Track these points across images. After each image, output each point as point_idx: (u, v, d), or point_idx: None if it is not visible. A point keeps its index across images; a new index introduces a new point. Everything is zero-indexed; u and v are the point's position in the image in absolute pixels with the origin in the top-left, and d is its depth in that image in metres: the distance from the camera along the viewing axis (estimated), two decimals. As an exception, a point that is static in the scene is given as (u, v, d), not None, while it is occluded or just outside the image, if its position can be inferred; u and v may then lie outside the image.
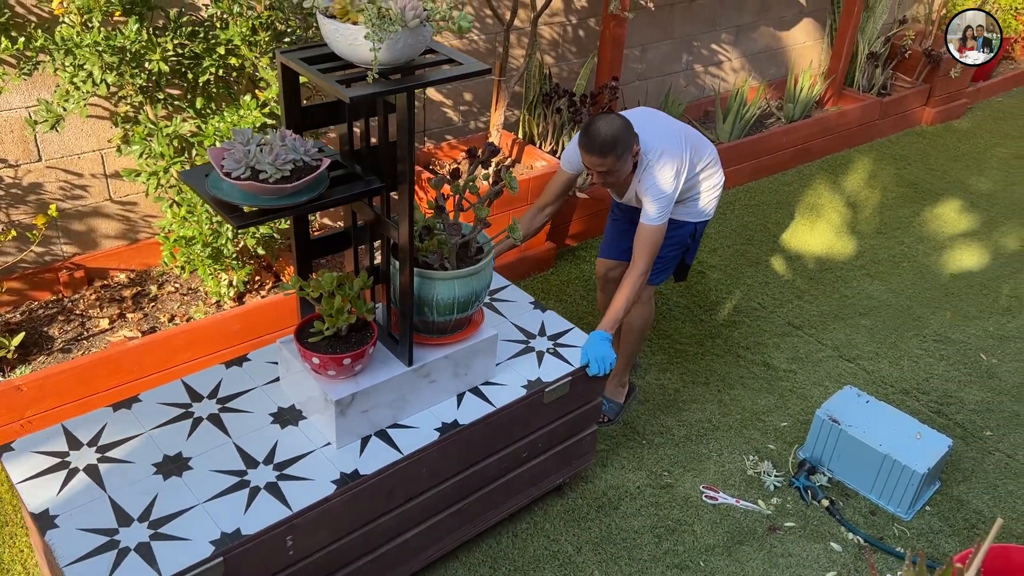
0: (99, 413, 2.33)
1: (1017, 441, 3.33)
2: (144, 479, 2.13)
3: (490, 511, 2.65)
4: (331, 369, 2.21)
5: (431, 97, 4.15)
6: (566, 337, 2.75)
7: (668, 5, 4.89)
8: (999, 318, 4.07)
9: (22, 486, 2.09)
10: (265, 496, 2.11)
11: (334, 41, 1.92)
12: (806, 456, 3.15)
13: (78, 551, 1.94)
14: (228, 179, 1.93)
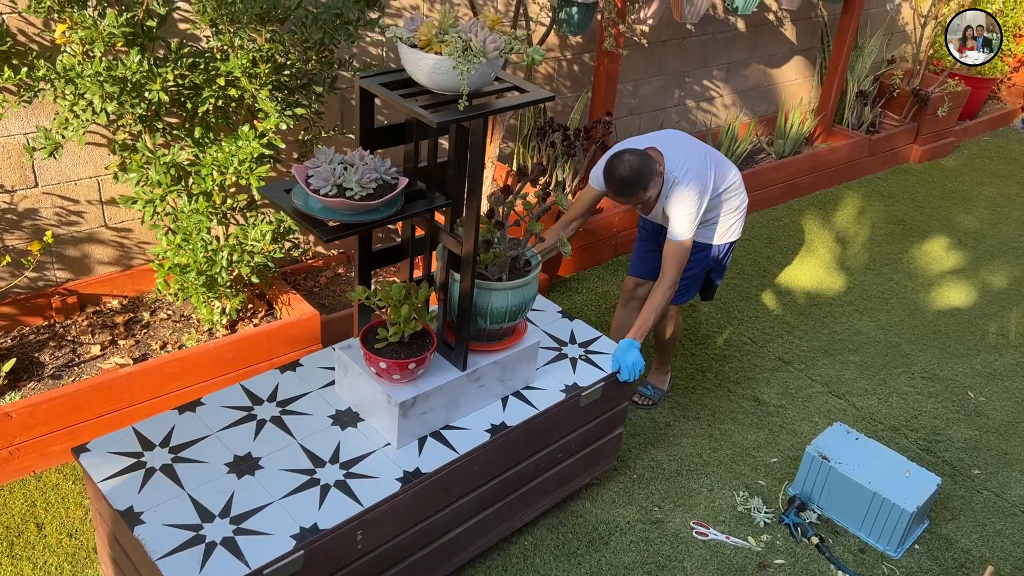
0: (166, 416, 2.42)
1: (1005, 480, 3.35)
2: (219, 478, 2.23)
3: (525, 510, 2.79)
4: (396, 373, 2.35)
5: (427, 128, 4.19)
6: (595, 345, 2.91)
7: (661, 42, 4.97)
8: (986, 356, 4.10)
9: (103, 484, 2.17)
10: (336, 493, 2.23)
11: (415, 69, 2.09)
12: (796, 493, 3.16)
13: (167, 545, 2.03)
14: (316, 196, 2.06)
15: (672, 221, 2.99)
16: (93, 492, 2.28)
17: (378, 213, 2.14)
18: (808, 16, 5.73)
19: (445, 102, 2.13)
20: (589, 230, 4.40)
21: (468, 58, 1.98)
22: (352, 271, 4.05)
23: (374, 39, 3.80)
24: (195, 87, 2.99)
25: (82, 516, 2.79)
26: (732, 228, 3.25)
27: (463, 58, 1.98)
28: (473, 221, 2.22)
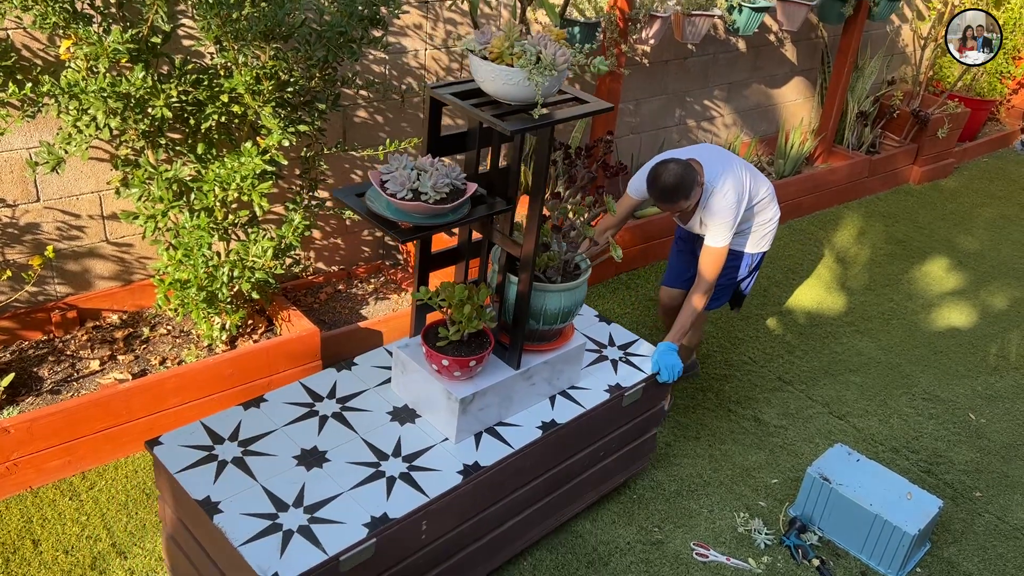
0: (232, 411, 2.51)
1: (1006, 503, 3.34)
2: (289, 470, 2.33)
3: (568, 506, 2.89)
4: (457, 370, 2.45)
5: (429, 146, 4.20)
6: (633, 347, 3.02)
7: (662, 62, 4.99)
8: (987, 377, 4.10)
9: (180, 476, 2.26)
10: (401, 485, 2.33)
11: (487, 80, 2.20)
12: (797, 514, 3.14)
13: (247, 533, 2.12)
14: (393, 200, 2.19)
15: (709, 228, 3.13)
16: (166, 484, 2.36)
17: (449, 216, 2.27)
18: (809, 37, 5.76)
19: (511, 111, 2.25)
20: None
21: (540, 70, 2.10)
22: (352, 287, 4.05)
23: (377, 57, 3.82)
24: (198, 103, 3.00)
25: (78, 533, 2.78)
26: (764, 239, 3.38)
27: (536, 70, 2.10)
28: (535, 224, 2.32)
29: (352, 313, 3.87)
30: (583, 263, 2.70)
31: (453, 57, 4.08)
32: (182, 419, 3.15)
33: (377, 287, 4.08)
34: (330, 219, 3.99)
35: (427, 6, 3.88)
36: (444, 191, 2.21)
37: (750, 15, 4.71)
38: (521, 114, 2.24)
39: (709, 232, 3.14)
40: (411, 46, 3.91)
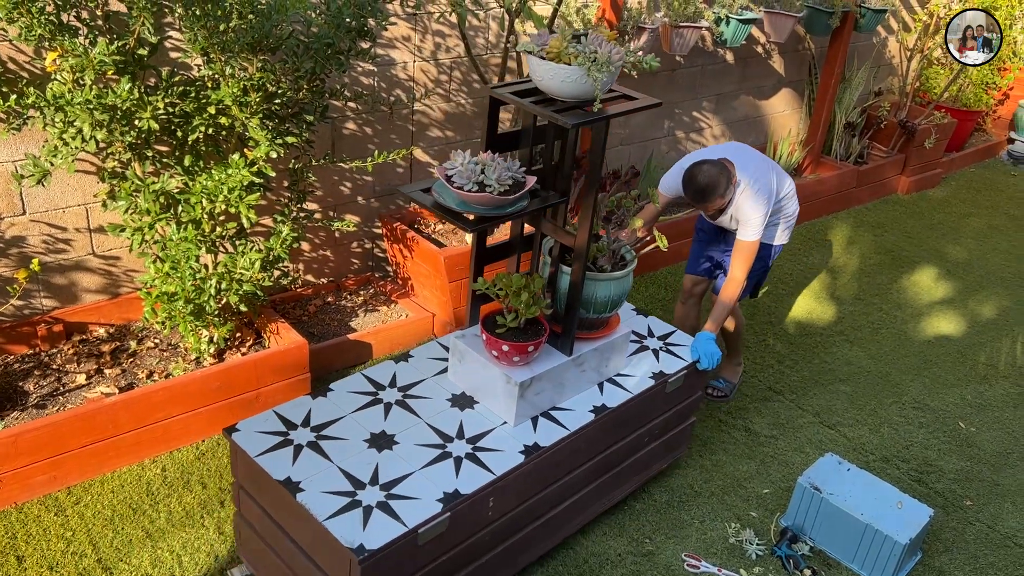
0: (301, 400, 2.62)
1: (997, 512, 3.34)
2: (361, 452, 2.44)
3: (615, 490, 3.02)
4: (516, 356, 2.56)
5: (418, 158, 4.20)
6: (672, 338, 3.15)
7: (650, 74, 5.01)
8: (976, 386, 4.10)
9: (260, 459, 2.37)
10: (468, 464, 2.45)
11: (546, 78, 2.34)
12: (788, 524, 3.13)
13: (329, 509, 2.23)
14: (460, 192, 2.32)
15: (742, 224, 3.26)
16: (245, 468, 2.45)
17: (511, 207, 2.41)
18: (796, 48, 5.80)
19: (566, 108, 2.39)
20: (580, 259, 4.39)
21: (598, 67, 2.25)
22: (341, 300, 4.04)
23: (365, 69, 3.82)
24: (186, 115, 2.99)
25: (63, 549, 2.74)
26: (786, 231, 3.54)
27: (594, 67, 2.24)
28: (589, 215, 2.44)
29: (341, 325, 3.86)
30: (628, 254, 2.82)
31: (442, 69, 4.09)
32: (170, 433, 3.13)
33: (367, 299, 4.07)
34: (319, 231, 3.98)
35: (415, 19, 3.89)
36: (507, 183, 2.37)
37: (737, 27, 4.74)
38: (576, 110, 2.37)
39: (741, 228, 3.26)
40: (400, 58, 3.92)
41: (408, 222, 4.03)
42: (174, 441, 3.16)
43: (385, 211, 4.15)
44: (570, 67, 2.28)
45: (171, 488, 3.02)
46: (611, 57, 2.28)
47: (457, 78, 4.17)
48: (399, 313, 3.99)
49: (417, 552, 2.27)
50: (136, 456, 3.09)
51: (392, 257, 4.10)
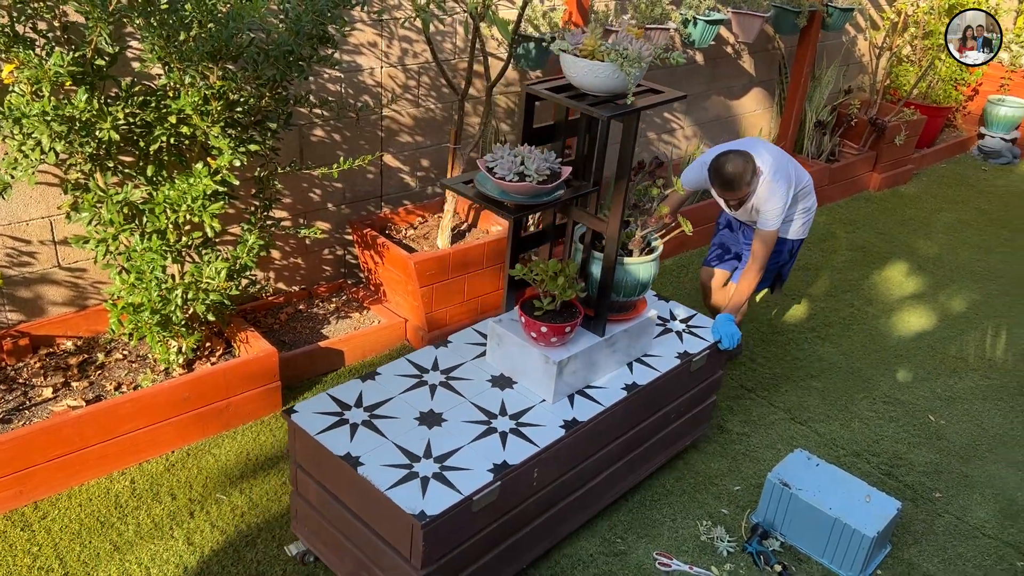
0: (351, 384, 2.78)
1: (966, 503, 3.37)
2: (413, 429, 2.60)
3: (644, 465, 3.19)
4: (554, 336, 2.73)
5: (388, 164, 4.20)
6: (693, 320, 3.33)
7: (621, 75, 5.03)
8: (946, 379, 4.14)
9: (320, 436, 2.53)
10: (513, 438, 2.61)
11: (581, 74, 2.51)
12: (759, 520, 3.15)
13: (389, 480, 2.39)
14: (501, 182, 2.49)
15: (763, 214, 3.42)
16: (304, 447, 2.60)
17: (548, 196, 2.58)
18: (766, 48, 5.84)
19: (599, 102, 2.56)
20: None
21: (630, 62, 2.43)
22: (313, 307, 4.03)
23: (332, 76, 3.82)
24: (147, 125, 2.98)
25: (29, 564, 2.72)
26: (804, 226, 3.68)
27: (627, 63, 2.42)
28: (620, 203, 2.62)
29: (313, 333, 3.85)
30: (654, 240, 3.00)
31: (410, 74, 4.09)
32: (138, 445, 3.11)
33: (339, 306, 4.06)
34: (289, 239, 3.97)
35: (382, 24, 3.90)
36: (545, 173, 2.54)
37: (705, 27, 4.77)
38: (608, 104, 2.55)
39: (762, 218, 3.43)
40: (367, 64, 3.92)
41: (378, 228, 4.03)
42: (143, 453, 3.15)
43: (356, 217, 4.15)
44: (603, 63, 2.46)
45: (140, 500, 3.00)
46: (641, 53, 2.46)
47: (426, 83, 4.18)
48: (371, 319, 3.99)
49: (471, 519, 2.44)
50: (104, 469, 3.07)
51: (363, 263, 4.10)
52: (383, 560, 2.46)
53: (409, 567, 2.38)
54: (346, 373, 3.76)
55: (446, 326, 3.95)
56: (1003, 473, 3.55)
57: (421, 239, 4.05)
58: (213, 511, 2.99)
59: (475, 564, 2.54)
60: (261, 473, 3.18)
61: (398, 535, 2.36)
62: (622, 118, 2.56)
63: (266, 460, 3.25)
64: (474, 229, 4.16)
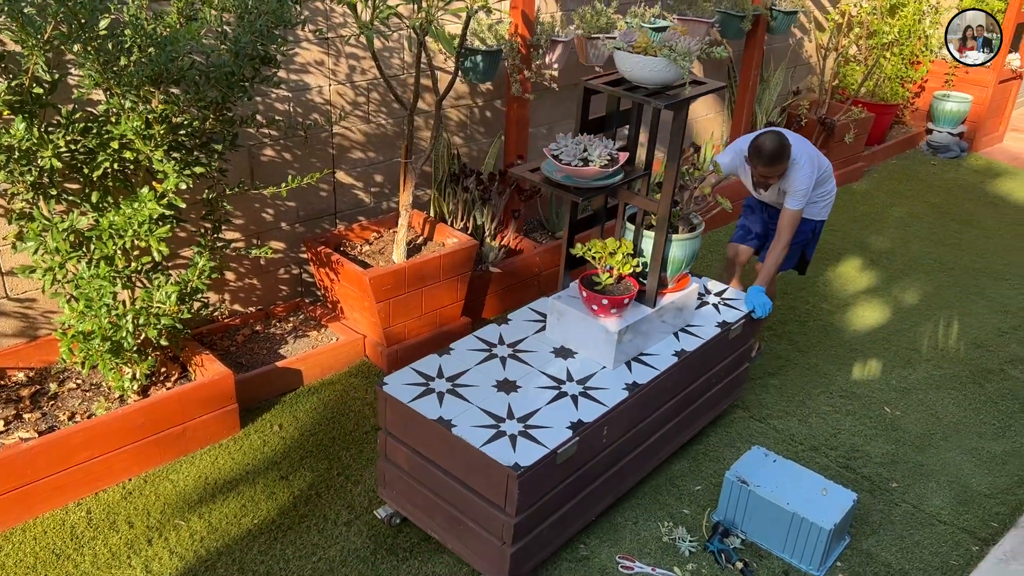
0: (430, 359, 3.05)
1: (922, 492, 3.43)
2: (493, 395, 2.88)
3: (691, 426, 3.48)
4: (613, 308, 3.01)
5: (341, 181, 4.20)
6: (726, 294, 3.64)
7: (572, 85, 5.08)
8: (900, 371, 4.22)
9: (413, 404, 2.79)
10: (584, 400, 2.89)
11: (637, 69, 2.82)
12: (719, 519, 3.18)
13: (482, 439, 2.66)
14: (568, 167, 2.78)
15: (788, 195, 3.74)
16: (395, 415, 2.86)
17: (610, 178, 2.86)
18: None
19: (651, 94, 2.86)
20: (511, 271, 4.43)
21: (682, 56, 2.72)
22: (270, 327, 4.01)
23: (280, 95, 3.82)
24: (90, 152, 2.96)
25: (-17, 601, 2.68)
26: (824, 208, 3.98)
27: (679, 57, 2.72)
28: (671, 185, 2.93)
29: (271, 353, 3.83)
30: (695, 219, 3.26)
31: (359, 91, 4.10)
32: (93, 474, 3.08)
33: (296, 325, 4.05)
34: (243, 260, 3.95)
35: (327, 43, 3.90)
36: (606, 159, 2.82)
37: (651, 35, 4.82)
38: (659, 95, 2.85)
39: (788, 197, 3.75)
40: (314, 83, 3.92)
41: (333, 245, 4.02)
42: (98, 482, 3.11)
43: (310, 235, 4.14)
44: (657, 58, 2.76)
45: (96, 530, 2.96)
46: (690, 48, 2.76)
47: (375, 99, 4.19)
48: (329, 337, 3.97)
49: (555, 471, 2.72)
50: (59, 500, 3.03)
51: (320, 281, 4.09)
52: (476, 512, 2.73)
53: (504, 515, 2.65)
54: (305, 392, 3.75)
55: (405, 340, 3.95)
56: (957, 460, 3.62)
57: (377, 254, 4.05)
58: (172, 538, 2.96)
59: (555, 514, 2.83)
60: (220, 497, 3.16)
61: (493, 487, 2.63)
62: (674, 106, 2.84)
63: (225, 483, 3.22)
64: (430, 242, 4.17)
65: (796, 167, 3.70)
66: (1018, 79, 7.57)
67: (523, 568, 2.78)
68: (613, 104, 3.11)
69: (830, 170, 3.94)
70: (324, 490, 3.23)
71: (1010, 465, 3.60)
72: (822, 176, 3.87)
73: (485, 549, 2.76)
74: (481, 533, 2.74)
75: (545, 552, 2.87)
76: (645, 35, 2.81)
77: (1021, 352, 4.42)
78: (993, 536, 3.21)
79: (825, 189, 3.94)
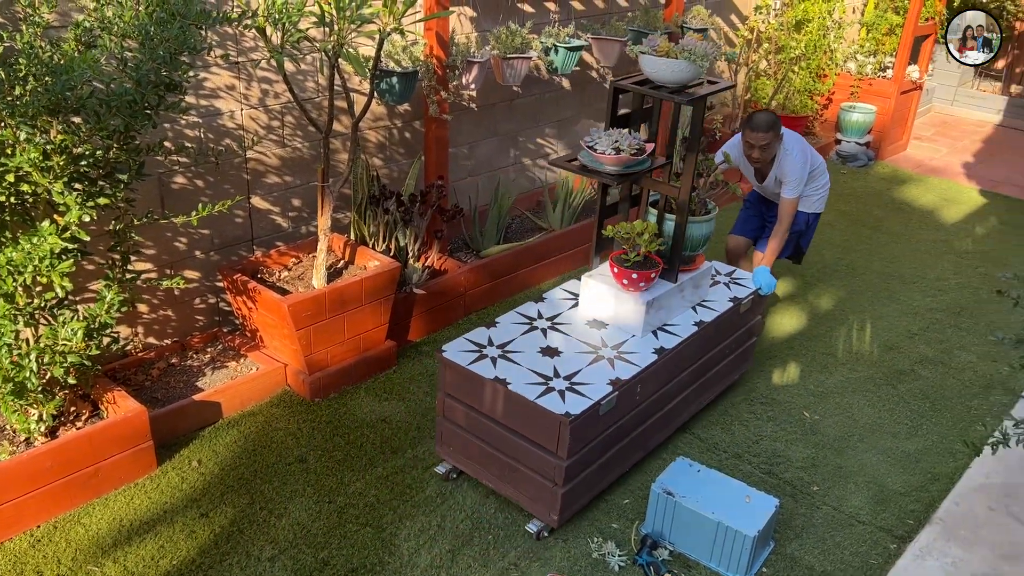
0: (479, 331, 3.42)
1: (841, 493, 3.52)
2: (539, 359, 3.27)
3: (705, 393, 3.86)
4: (643, 281, 3.42)
5: (257, 206, 4.12)
6: (735, 275, 4.05)
7: (490, 105, 5.11)
8: (818, 375, 4.34)
9: (471, 367, 3.17)
10: (619, 362, 3.29)
11: (661, 71, 3.24)
12: (648, 531, 3.21)
13: (535, 393, 3.05)
14: (602, 156, 3.21)
15: (784, 185, 4.17)
16: (455, 377, 3.24)
17: (640, 165, 3.28)
18: (629, 72, 6.01)
19: (671, 92, 3.27)
20: (437, 292, 4.41)
21: (701, 59, 3.17)
22: (187, 360, 3.89)
23: (190, 121, 3.73)
24: (-16, 185, 2.83)
25: None
26: (818, 201, 4.40)
27: (699, 59, 3.17)
28: (691, 172, 3.34)
29: (188, 386, 3.72)
30: (710, 203, 3.67)
31: (273, 115, 4.04)
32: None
33: (214, 356, 3.94)
34: (156, 291, 3.84)
35: (238, 67, 3.83)
36: (635, 148, 3.24)
37: (566, 55, 4.89)
38: (679, 93, 3.26)
39: (784, 187, 4.17)
40: (226, 108, 3.85)
41: (250, 272, 3.93)
42: (3, 531, 2.96)
43: (226, 263, 4.04)
44: (680, 60, 3.17)
45: (2, 582, 2.82)
46: (708, 51, 3.19)
47: (290, 123, 4.13)
48: (249, 367, 3.88)
49: (598, 421, 3.09)
50: (-40, 553, 2.87)
51: (237, 310, 3.99)
52: (530, 459, 3.10)
53: (555, 459, 3.03)
54: (224, 425, 3.64)
55: (328, 367, 3.88)
56: (874, 461, 3.73)
57: (296, 280, 3.98)
58: (84, 585, 2.83)
59: (597, 462, 3.20)
60: (136, 539, 3.04)
61: (546, 434, 3.01)
62: (693, 102, 3.25)
63: (141, 524, 3.10)
64: (351, 266, 4.12)
65: (788, 155, 4.13)
66: (918, 90, 7.93)
67: (571, 508, 3.18)
68: (637, 102, 3.53)
69: (823, 166, 4.35)
70: (246, 526, 3.14)
71: (923, 463, 3.73)
72: (815, 171, 4.28)
73: (539, 492, 3.13)
74: (535, 478, 3.11)
75: (588, 496, 3.25)
76: (665, 41, 3.24)
77: (930, 352, 4.60)
78: (909, 533, 3.32)
79: (819, 183, 4.35)
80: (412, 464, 3.52)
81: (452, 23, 4.60)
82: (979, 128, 8.82)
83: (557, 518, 3.12)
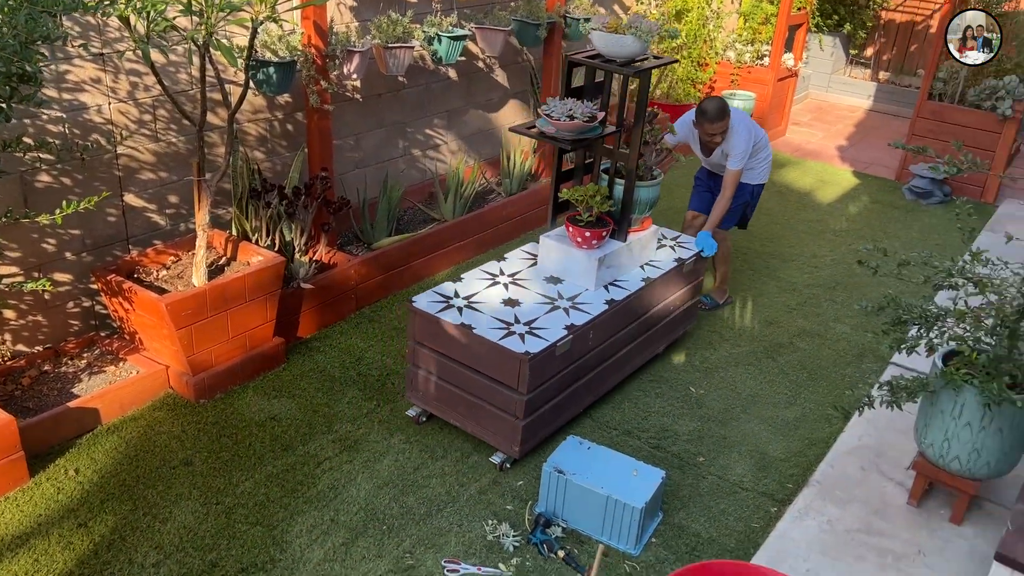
0: (446, 285, 3.73)
1: (726, 462, 3.66)
2: (502, 309, 3.60)
3: (649, 348, 4.19)
4: (595, 240, 3.78)
5: (131, 203, 3.97)
6: (679, 239, 4.45)
7: (375, 95, 5.06)
8: (703, 352, 4.49)
9: (439, 315, 3.48)
10: (574, 311, 3.64)
11: (611, 46, 3.58)
12: (541, 510, 3.26)
13: (497, 336, 3.37)
14: (558, 122, 3.48)
15: (730, 158, 4.49)
16: (424, 325, 3.53)
17: (592, 131, 3.59)
18: (516, 61, 6.08)
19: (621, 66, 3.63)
20: (326, 286, 4.34)
21: (646, 34, 3.52)
22: (61, 366, 3.72)
23: (53, 115, 3.56)
24: None
25: None
26: (761, 173, 4.74)
27: (644, 35, 3.52)
28: (639, 139, 3.68)
29: (62, 394, 3.55)
30: (655, 169, 4.00)
31: (144, 109, 3.89)
32: None
33: (91, 361, 3.78)
34: (23, 296, 3.65)
35: (103, 59, 3.68)
36: (588, 115, 3.51)
37: (450, 44, 4.89)
38: (627, 66, 3.61)
39: (730, 159, 4.49)
40: (92, 102, 3.69)
41: (126, 272, 3.78)
42: None
43: (100, 264, 3.88)
44: (627, 36, 3.52)
45: None
46: (652, 28, 3.54)
47: (163, 116, 3.99)
48: (129, 371, 3.74)
49: (555, 361, 3.42)
50: None
51: (114, 312, 3.84)
52: (494, 396, 3.40)
53: (516, 395, 3.34)
54: (104, 432, 3.50)
55: (213, 367, 3.77)
56: (756, 430, 3.89)
57: (176, 279, 3.85)
58: (-51, 607, 2.68)
59: (554, 400, 3.52)
60: (7, 554, 2.89)
61: (508, 372, 3.32)
62: (640, 74, 3.60)
63: (13, 539, 2.95)
64: (234, 262, 4.01)
65: (735, 132, 4.46)
66: (794, 77, 8.28)
67: (530, 442, 3.48)
68: (590, 75, 3.81)
69: (766, 139, 4.70)
70: (129, 533, 3.03)
71: (801, 430, 3.91)
72: (758, 144, 4.61)
73: (501, 426, 3.43)
74: (498, 414, 3.41)
75: (546, 431, 3.56)
76: (615, 20, 3.56)
77: (808, 326, 4.83)
78: (789, 496, 3.48)
79: (761, 156, 4.68)
80: (303, 461, 3.47)
81: (331, 12, 4.53)
82: (851, 113, 9.29)
83: (518, 449, 3.41)
